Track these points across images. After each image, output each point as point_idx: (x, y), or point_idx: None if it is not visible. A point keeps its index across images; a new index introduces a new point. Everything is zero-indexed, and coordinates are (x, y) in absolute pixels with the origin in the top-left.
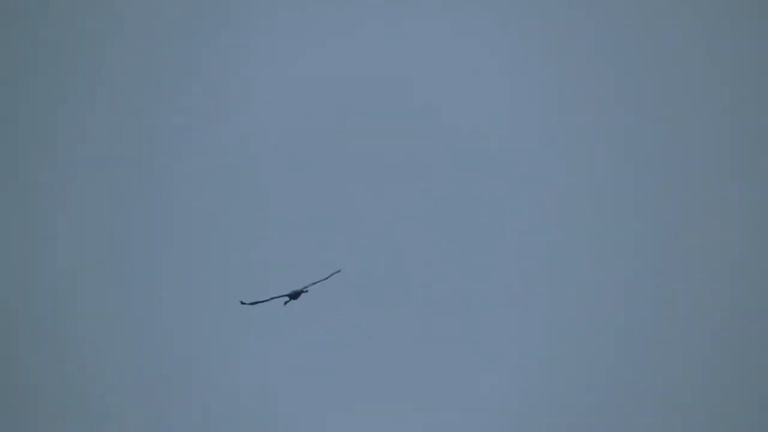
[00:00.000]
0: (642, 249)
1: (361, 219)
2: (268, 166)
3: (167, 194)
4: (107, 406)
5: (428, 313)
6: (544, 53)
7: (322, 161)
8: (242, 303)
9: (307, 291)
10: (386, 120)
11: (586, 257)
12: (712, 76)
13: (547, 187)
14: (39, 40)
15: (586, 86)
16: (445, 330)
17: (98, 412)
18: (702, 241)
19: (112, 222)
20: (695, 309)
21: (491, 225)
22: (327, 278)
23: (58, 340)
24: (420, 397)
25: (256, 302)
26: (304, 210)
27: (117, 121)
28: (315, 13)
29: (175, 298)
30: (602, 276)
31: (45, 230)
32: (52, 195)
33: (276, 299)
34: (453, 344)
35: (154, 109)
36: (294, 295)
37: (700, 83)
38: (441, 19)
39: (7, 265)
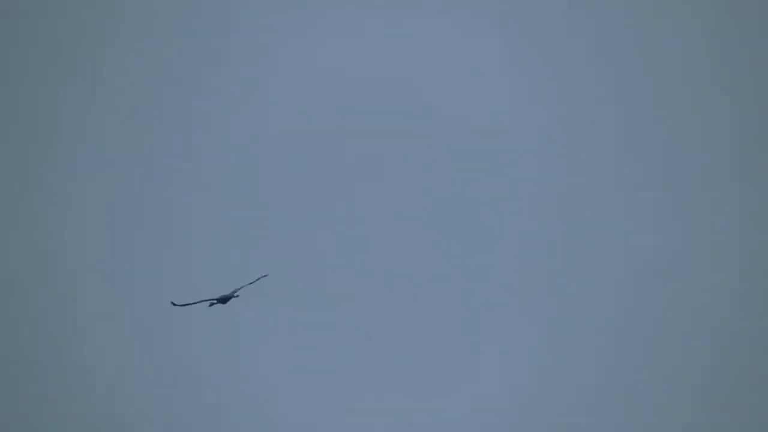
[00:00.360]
0: (642, 249)
1: (361, 219)
2: (268, 166)
3: (167, 194)
4: (107, 406)
5: (428, 312)
6: (545, 54)
7: (322, 161)
8: (173, 304)
9: (237, 296)
10: (386, 120)
11: (586, 257)
12: (712, 76)
13: (547, 187)
14: (39, 40)
15: (586, 86)
16: (445, 330)
17: (99, 411)
18: (702, 241)
19: (112, 222)
20: (695, 309)
21: (492, 225)
22: (254, 282)
23: (58, 340)
24: (420, 397)
25: (186, 304)
26: (305, 210)
27: (117, 121)
28: (315, 13)
29: (175, 298)
30: (602, 276)
31: (45, 230)
32: (53, 195)
33: (204, 302)
34: (453, 344)
35: (154, 109)
36: (223, 300)
37: (700, 83)
38: (441, 19)
39: (8, 265)
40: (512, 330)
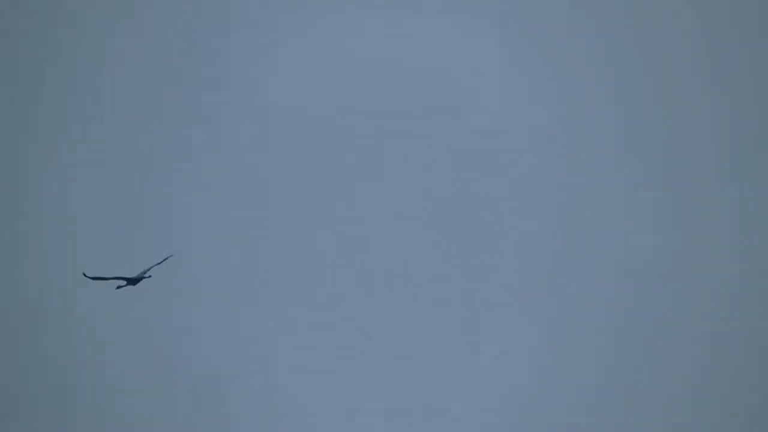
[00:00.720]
0: (642, 249)
1: (361, 219)
2: (268, 166)
3: (167, 194)
4: (108, 406)
5: (428, 312)
6: (545, 54)
7: (323, 161)
8: (85, 275)
9: (150, 276)
10: (386, 120)
11: (586, 257)
12: (712, 76)
13: (547, 187)
14: (39, 40)
15: (586, 86)
16: (445, 330)
17: (99, 411)
18: (702, 241)
19: (112, 222)
20: (695, 309)
21: (492, 225)
22: (161, 263)
23: (58, 339)
24: (420, 398)
25: (98, 278)
26: (305, 210)
27: (117, 121)
28: (315, 13)
29: (176, 298)
30: (602, 276)
31: (45, 230)
32: (53, 195)
33: (116, 280)
34: (453, 344)
35: (154, 109)
36: (133, 281)
37: (700, 83)
38: (441, 19)
39: (8, 265)
40: (512, 330)
